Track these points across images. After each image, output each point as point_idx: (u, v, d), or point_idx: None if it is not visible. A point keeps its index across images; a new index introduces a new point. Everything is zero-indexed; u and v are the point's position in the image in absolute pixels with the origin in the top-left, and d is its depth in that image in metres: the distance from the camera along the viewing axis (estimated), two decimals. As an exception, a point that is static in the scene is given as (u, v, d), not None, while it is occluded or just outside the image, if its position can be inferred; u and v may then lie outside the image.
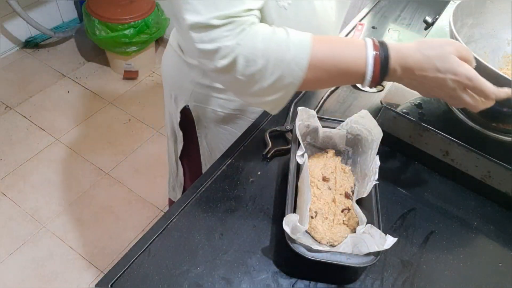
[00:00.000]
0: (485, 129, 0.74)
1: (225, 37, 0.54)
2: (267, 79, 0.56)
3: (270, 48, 0.55)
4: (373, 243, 0.56)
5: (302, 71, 0.56)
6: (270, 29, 0.56)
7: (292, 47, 0.55)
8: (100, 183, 1.89)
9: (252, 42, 0.54)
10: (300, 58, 0.55)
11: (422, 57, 0.54)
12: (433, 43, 0.55)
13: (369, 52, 0.55)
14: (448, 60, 0.53)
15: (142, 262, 0.61)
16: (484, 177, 0.74)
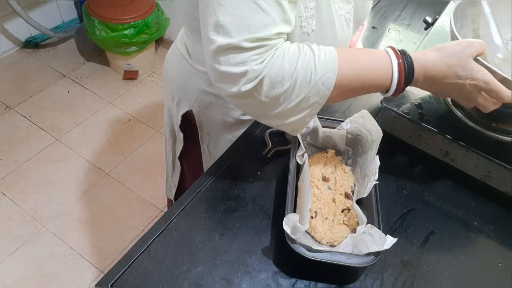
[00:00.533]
0: (485, 129, 0.74)
1: (253, 61, 0.52)
2: (293, 101, 0.55)
3: (297, 69, 0.53)
4: (373, 243, 0.56)
5: (328, 90, 0.55)
6: (296, 48, 0.55)
7: (319, 67, 0.54)
8: (100, 183, 1.89)
9: (278, 63, 0.53)
10: (327, 77, 0.54)
11: (445, 67, 0.56)
12: (453, 49, 0.56)
13: (394, 62, 0.56)
14: (468, 67, 0.55)
15: (142, 262, 0.61)
16: (484, 177, 0.74)
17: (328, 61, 0.54)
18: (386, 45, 1.06)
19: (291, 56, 0.54)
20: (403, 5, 1.22)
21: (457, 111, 0.77)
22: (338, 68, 0.54)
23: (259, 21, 0.51)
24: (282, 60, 0.53)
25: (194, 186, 0.72)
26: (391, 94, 0.59)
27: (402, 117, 0.76)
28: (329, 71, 0.54)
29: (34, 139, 2.03)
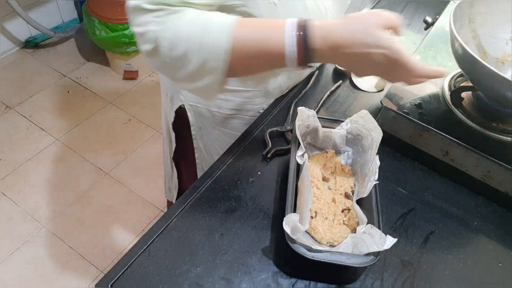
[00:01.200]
0: (485, 129, 0.74)
1: (152, 23, 0.54)
2: (193, 64, 0.56)
3: (192, 32, 0.54)
4: (373, 243, 0.56)
5: (225, 53, 0.54)
6: (195, 13, 0.55)
7: (212, 30, 0.54)
8: (100, 183, 1.89)
9: (175, 26, 0.54)
10: (222, 41, 0.54)
11: (347, 33, 0.51)
12: (359, 16, 0.52)
13: (288, 32, 0.53)
14: (374, 33, 0.51)
15: (142, 262, 0.61)
16: (484, 177, 0.74)
17: (223, 25, 0.54)
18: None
19: (188, 20, 0.54)
20: (403, 5, 1.22)
21: (457, 111, 0.77)
22: (233, 33, 0.54)
23: None
24: (179, 23, 0.54)
25: (194, 186, 0.72)
26: (292, 63, 0.55)
27: (402, 117, 0.76)
28: (223, 35, 0.53)
29: (34, 139, 2.03)
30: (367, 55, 0.52)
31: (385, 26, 0.51)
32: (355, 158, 0.73)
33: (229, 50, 0.54)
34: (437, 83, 0.83)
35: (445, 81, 0.83)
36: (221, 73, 0.57)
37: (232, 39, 0.54)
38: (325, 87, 0.93)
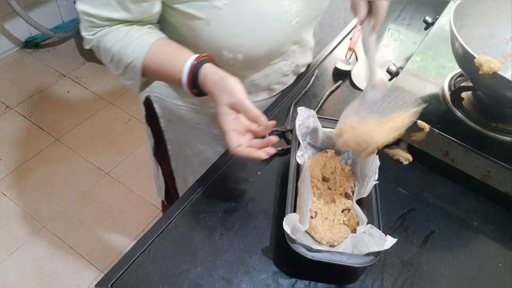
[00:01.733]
0: (485, 129, 0.74)
1: (86, 30, 0.66)
2: (118, 71, 0.69)
3: (114, 50, 0.65)
4: (373, 243, 0.56)
5: (137, 74, 0.67)
6: (120, 32, 0.65)
7: (130, 54, 0.65)
8: (100, 183, 1.89)
9: (103, 41, 0.66)
10: (135, 65, 0.66)
11: (212, 93, 0.61)
12: (223, 88, 0.60)
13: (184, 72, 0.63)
14: (219, 107, 0.60)
15: (142, 262, 0.61)
16: (484, 177, 0.74)
17: (138, 51, 0.65)
18: (386, 45, 1.06)
19: (113, 38, 0.65)
20: (403, 5, 1.22)
21: (457, 111, 0.77)
22: (144, 60, 0.65)
23: (96, 1, 0.62)
24: (106, 39, 0.65)
25: (193, 186, 0.72)
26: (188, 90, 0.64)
27: (402, 117, 0.76)
28: (137, 60, 0.65)
29: (34, 139, 2.03)
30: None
31: (230, 106, 0.59)
32: (355, 158, 0.73)
33: (140, 72, 0.66)
34: (437, 83, 0.83)
35: (445, 81, 0.83)
36: (138, 80, 0.68)
37: (142, 66, 0.65)
38: (325, 87, 0.93)
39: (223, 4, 0.63)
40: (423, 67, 0.86)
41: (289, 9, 0.69)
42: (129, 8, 0.63)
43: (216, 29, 0.66)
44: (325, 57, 1.01)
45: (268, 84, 0.85)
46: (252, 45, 0.70)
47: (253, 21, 0.66)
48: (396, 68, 0.88)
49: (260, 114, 0.59)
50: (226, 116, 0.59)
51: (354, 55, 1.01)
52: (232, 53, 0.70)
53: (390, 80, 0.91)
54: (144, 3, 0.63)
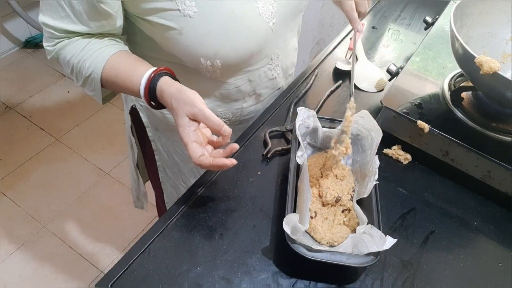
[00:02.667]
0: (485, 129, 0.74)
1: (46, 41, 0.67)
2: (78, 82, 0.69)
3: (72, 63, 0.67)
4: (372, 243, 0.56)
5: (97, 86, 0.68)
6: (78, 45, 0.66)
7: (88, 67, 0.66)
8: (100, 183, 1.89)
9: (63, 52, 0.66)
10: (94, 78, 0.67)
11: (169, 106, 0.62)
12: (181, 99, 0.60)
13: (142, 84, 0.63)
14: (179, 119, 0.60)
15: (142, 262, 0.61)
16: (484, 177, 0.74)
17: (96, 64, 0.65)
18: (386, 45, 1.06)
19: (72, 50, 0.66)
20: (403, 5, 1.22)
21: (457, 111, 0.77)
22: (103, 72, 0.66)
23: (56, 13, 0.62)
24: (66, 51, 0.66)
25: (193, 186, 0.72)
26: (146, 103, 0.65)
27: (402, 117, 0.76)
28: (95, 73, 0.66)
29: (34, 139, 2.03)
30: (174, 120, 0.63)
31: (191, 116, 0.60)
32: (355, 158, 0.73)
33: (100, 84, 0.67)
34: (437, 83, 0.83)
35: (445, 81, 0.83)
36: (99, 93, 0.69)
37: (100, 78, 0.66)
38: (325, 87, 0.93)
39: (194, 12, 0.63)
40: (423, 67, 0.86)
41: (264, 11, 0.68)
42: (87, 23, 0.64)
43: (189, 38, 0.65)
44: (325, 57, 1.01)
45: (254, 89, 0.83)
46: (228, 51, 0.69)
47: (227, 26, 0.65)
48: (396, 68, 0.88)
49: (221, 122, 0.59)
50: (187, 128, 0.60)
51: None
52: (210, 60, 0.69)
53: (390, 80, 0.91)
54: (103, 20, 0.63)
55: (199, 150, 0.59)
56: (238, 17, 0.66)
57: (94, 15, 0.62)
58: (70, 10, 0.62)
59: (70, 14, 0.62)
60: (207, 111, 0.59)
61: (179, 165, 0.95)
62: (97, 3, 0.60)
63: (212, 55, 0.68)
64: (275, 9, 0.70)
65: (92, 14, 0.62)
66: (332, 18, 1.88)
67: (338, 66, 0.96)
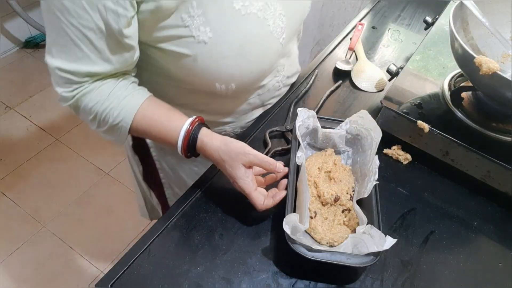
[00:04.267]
0: (485, 129, 0.74)
1: (63, 87, 0.60)
2: (97, 128, 0.65)
3: (98, 111, 0.62)
4: (372, 243, 0.56)
5: (124, 135, 0.65)
6: (105, 91, 0.61)
7: (116, 116, 0.62)
8: (100, 183, 1.89)
9: (85, 100, 0.62)
10: (122, 126, 0.63)
11: (219, 159, 0.62)
12: (232, 150, 0.61)
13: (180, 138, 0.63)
14: (234, 171, 0.62)
15: (142, 262, 0.61)
16: (484, 177, 0.74)
17: (126, 113, 0.62)
18: (386, 45, 1.06)
19: (96, 97, 0.61)
20: (403, 5, 1.22)
21: (457, 111, 0.77)
22: (133, 122, 0.63)
23: (72, 55, 0.57)
24: (88, 98, 0.61)
25: (193, 186, 0.72)
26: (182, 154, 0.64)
27: (402, 117, 0.76)
28: (124, 122, 0.63)
29: (34, 139, 2.03)
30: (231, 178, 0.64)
31: (247, 165, 0.62)
32: (354, 158, 0.73)
33: (127, 133, 0.64)
34: (437, 83, 0.83)
35: (445, 81, 0.83)
36: (124, 135, 0.65)
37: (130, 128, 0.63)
38: (325, 87, 0.93)
39: (209, 38, 0.61)
40: (423, 67, 0.86)
41: (274, 28, 0.67)
42: (110, 59, 0.59)
43: (204, 64, 0.64)
44: (325, 57, 1.01)
45: (263, 101, 0.84)
46: (244, 73, 0.68)
47: (242, 49, 0.64)
48: (396, 68, 0.88)
49: (274, 161, 0.63)
50: (246, 179, 0.62)
51: (354, 55, 1.01)
52: (225, 84, 0.68)
53: (390, 80, 0.91)
54: (126, 53, 0.60)
55: (262, 197, 0.63)
56: (252, 39, 0.65)
57: (118, 49, 0.58)
58: (89, 49, 0.56)
59: (88, 53, 0.57)
60: (260, 155, 0.62)
61: (185, 181, 0.94)
62: (122, 38, 0.56)
63: (227, 78, 0.67)
64: (284, 24, 0.69)
65: (116, 48, 0.58)
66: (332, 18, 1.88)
67: (338, 66, 0.96)
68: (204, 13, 0.59)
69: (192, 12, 0.58)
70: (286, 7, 0.68)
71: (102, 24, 0.54)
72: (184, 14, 0.58)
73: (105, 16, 0.53)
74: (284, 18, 0.68)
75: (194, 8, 0.58)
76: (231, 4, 0.60)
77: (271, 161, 0.62)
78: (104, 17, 0.53)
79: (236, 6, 0.61)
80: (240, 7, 0.61)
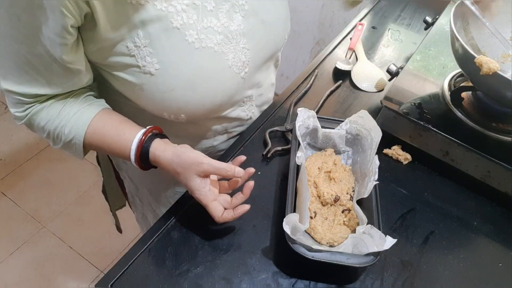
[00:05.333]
0: (485, 129, 0.74)
1: (14, 107, 0.61)
2: (56, 145, 0.65)
3: (49, 128, 0.62)
4: (372, 243, 0.56)
5: (79, 151, 0.64)
6: (53, 111, 0.61)
7: (67, 132, 0.62)
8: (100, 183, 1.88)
9: (36, 119, 0.62)
10: (75, 143, 0.63)
11: (173, 172, 0.60)
12: (184, 162, 0.59)
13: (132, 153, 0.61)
14: (190, 183, 0.60)
15: (142, 262, 0.61)
16: (484, 177, 0.74)
17: (77, 130, 0.61)
18: (386, 45, 1.06)
19: (46, 116, 0.61)
20: (403, 5, 1.22)
21: (457, 111, 0.77)
22: (85, 138, 0.62)
23: (20, 78, 0.57)
24: (39, 117, 0.61)
25: (194, 186, 0.72)
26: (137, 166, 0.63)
27: (402, 117, 0.76)
28: (76, 139, 0.62)
29: (34, 139, 2.03)
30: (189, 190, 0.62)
31: (201, 175, 0.59)
32: (354, 158, 0.73)
33: (82, 149, 0.64)
34: (437, 83, 0.83)
35: (445, 81, 0.83)
36: (80, 153, 0.65)
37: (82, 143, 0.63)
38: (325, 87, 0.93)
39: (155, 70, 0.58)
40: (423, 67, 0.86)
41: (234, 62, 0.64)
42: (57, 83, 0.59)
43: (151, 94, 0.61)
44: (325, 57, 1.01)
45: (226, 129, 0.79)
46: (194, 106, 0.64)
47: (192, 82, 0.61)
48: (396, 68, 0.88)
49: (232, 166, 0.60)
50: (202, 190, 0.59)
51: (354, 55, 1.01)
52: (174, 114, 0.65)
53: (390, 80, 0.91)
54: (74, 77, 0.59)
55: (220, 208, 0.60)
56: (205, 72, 0.62)
57: (65, 73, 0.58)
58: (36, 73, 0.56)
59: (36, 76, 0.57)
60: (215, 162, 0.59)
61: (148, 195, 0.91)
62: (65, 63, 0.56)
63: (176, 110, 0.64)
64: (247, 58, 0.66)
65: (62, 72, 0.57)
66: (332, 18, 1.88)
67: (338, 66, 0.96)
68: (151, 44, 0.56)
69: (138, 42, 0.56)
70: (252, 40, 0.66)
71: (44, 51, 0.53)
72: (130, 43, 0.56)
73: (46, 43, 0.52)
74: (248, 52, 0.65)
75: (140, 38, 0.56)
76: (183, 37, 0.58)
77: (227, 167, 0.59)
78: (44, 45, 0.53)
79: (189, 39, 0.58)
80: (194, 40, 0.58)
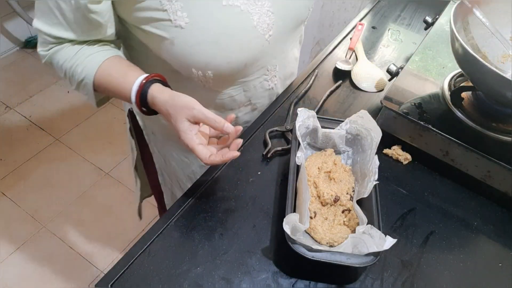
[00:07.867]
0: (485, 129, 0.74)
1: (40, 46, 0.70)
2: (72, 86, 0.70)
3: (65, 67, 0.68)
4: (372, 243, 0.56)
5: (89, 90, 0.69)
6: (70, 51, 0.67)
7: (80, 72, 0.67)
8: (100, 183, 1.89)
9: (56, 58, 0.68)
10: (86, 83, 0.67)
11: (165, 113, 0.62)
12: (177, 103, 0.61)
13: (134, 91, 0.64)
14: (178, 124, 0.61)
15: (142, 262, 0.61)
16: (484, 177, 0.74)
17: (88, 69, 0.66)
18: (386, 45, 1.06)
19: (64, 55, 0.67)
20: (403, 5, 1.22)
21: (457, 111, 0.77)
22: (95, 78, 0.66)
23: (49, 20, 0.64)
24: (59, 56, 0.67)
25: (194, 186, 0.72)
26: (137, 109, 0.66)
27: (402, 117, 0.76)
28: (87, 78, 0.67)
29: (34, 139, 2.03)
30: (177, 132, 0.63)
31: (191, 119, 0.60)
32: (354, 158, 0.73)
33: (92, 88, 0.68)
34: (437, 83, 0.83)
35: (445, 81, 0.83)
36: (92, 97, 0.70)
37: (92, 83, 0.67)
38: (325, 87, 0.93)
39: (185, 23, 0.62)
40: (423, 67, 0.86)
41: (259, 23, 0.67)
42: (78, 32, 0.65)
43: (180, 48, 0.65)
44: (325, 57, 1.01)
45: (249, 99, 0.82)
46: (220, 63, 0.67)
47: (218, 38, 0.64)
48: (396, 68, 0.88)
49: (222, 120, 0.60)
50: (189, 133, 0.60)
51: (354, 55, 1.01)
52: (201, 70, 0.68)
53: (390, 80, 0.91)
54: (92, 29, 0.64)
55: (206, 151, 0.60)
56: (231, 29, 0.65)
57: (84, 24, 0.63)
58: (62, 18, 0.62)
59: (62, 21, 0.63)
60: (206, 111, 0.59)
61: (176, 170, 0.94)
62: (88, 13, 0.60)
63: (203, 66, 0.67)
64: (272, 21, 0.69)
65: (83, 23, 0.62)
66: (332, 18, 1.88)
67: (338, 66, 0.96)
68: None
69: None
70: (276, 5, 0.68)
71: None
72: None
73: None
74: (272, 15, 0.68)
75: None
76: None
77: (217, 118, 0.59)
78: None
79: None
80: None
